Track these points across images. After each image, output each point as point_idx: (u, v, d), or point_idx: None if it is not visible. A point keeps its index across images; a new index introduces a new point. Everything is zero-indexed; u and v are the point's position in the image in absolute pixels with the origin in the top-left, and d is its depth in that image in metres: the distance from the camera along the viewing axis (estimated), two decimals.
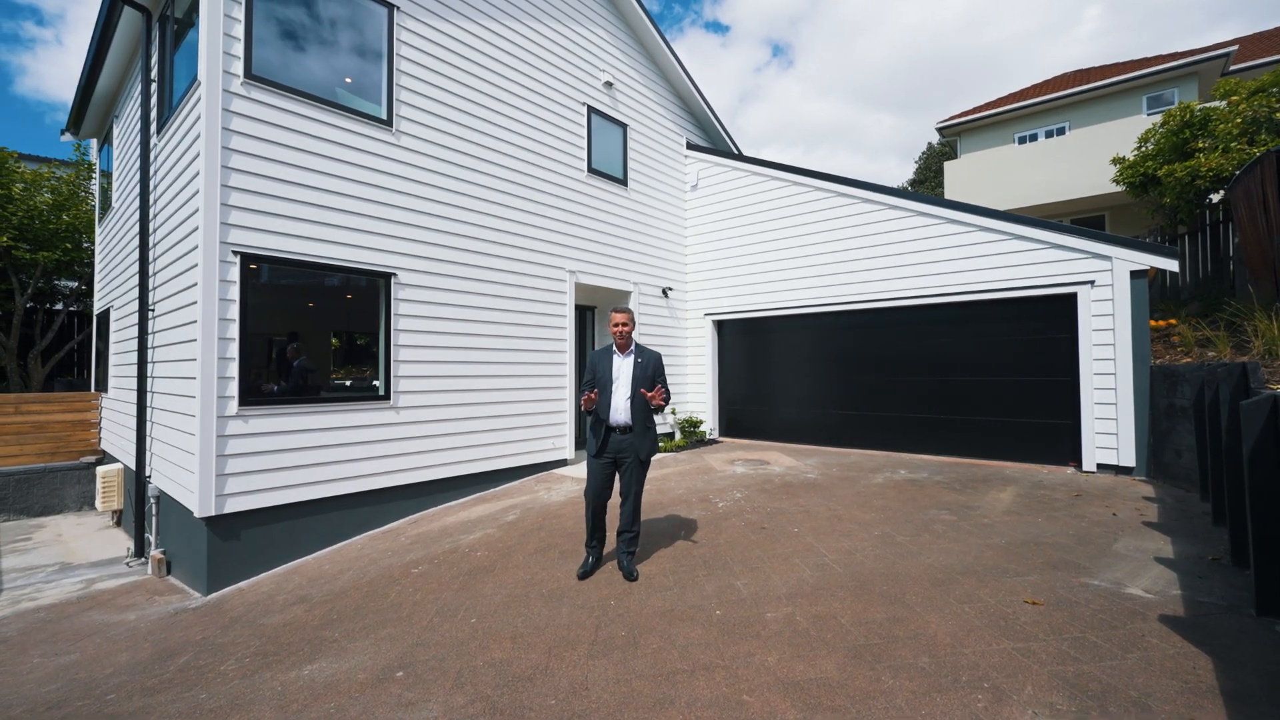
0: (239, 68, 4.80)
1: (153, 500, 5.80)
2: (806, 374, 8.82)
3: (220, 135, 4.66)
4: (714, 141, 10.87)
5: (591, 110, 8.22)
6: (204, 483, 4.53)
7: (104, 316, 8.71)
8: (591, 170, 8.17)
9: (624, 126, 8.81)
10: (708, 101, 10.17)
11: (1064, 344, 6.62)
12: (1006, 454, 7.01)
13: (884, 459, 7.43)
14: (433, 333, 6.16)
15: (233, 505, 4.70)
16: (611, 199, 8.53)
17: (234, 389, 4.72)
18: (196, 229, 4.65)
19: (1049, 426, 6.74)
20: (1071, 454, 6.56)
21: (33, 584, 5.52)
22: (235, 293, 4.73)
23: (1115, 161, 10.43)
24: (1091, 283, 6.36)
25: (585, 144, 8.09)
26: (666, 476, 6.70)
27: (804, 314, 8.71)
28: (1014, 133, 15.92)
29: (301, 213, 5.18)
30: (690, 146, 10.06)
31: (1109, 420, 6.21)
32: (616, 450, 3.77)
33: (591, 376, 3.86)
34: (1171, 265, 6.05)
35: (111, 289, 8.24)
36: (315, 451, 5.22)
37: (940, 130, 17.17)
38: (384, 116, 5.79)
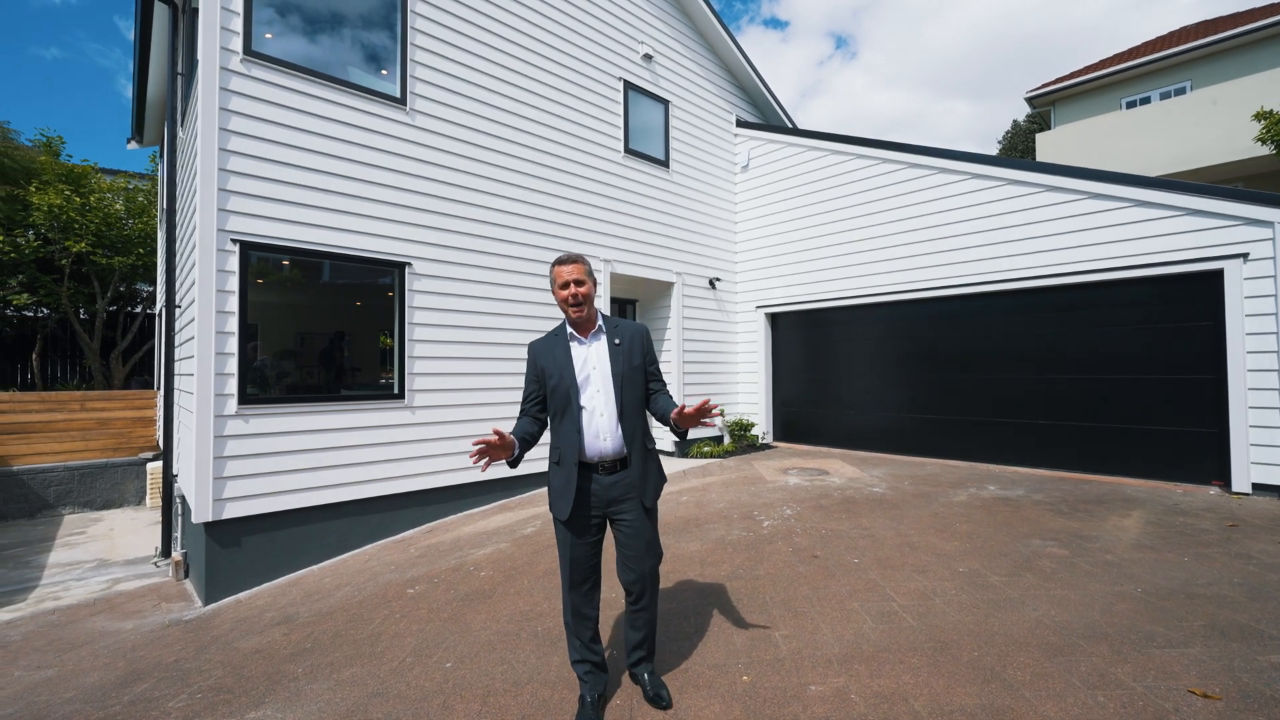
0: (238, 44, 4.50)
1: (178, 500, 5.69)
2: (874, 371, 7.78)
3: (218, 116, 4.37)
4: (768, 119, 9.94)
5: (628, 85, 7.58)
6: (200, 485, 4.25)
7: (158, 316, 8.96)
8: (629, 151, 7.52)
9: (665, 103, 8.10)
10: (760, 75, 9.27)
11: (1204, 333, 5.33)
12: (1125, 468, 5.76)
13: (968, 471, 6.34)
14: (452, 326, 5.71)
15: (232, 510, 4.40)
16: (651, 182, 7.85)
17: (233, 386, 4.41)
18: (198, 220, 4.39)
19: (1183, 435, 5.46)
20: (1215, 470, 5.27)
21: (65, 581, 5.51)
22: (234, 283, 4.43)
23: (1260, 117, 8.70)
24: (1245, 256, 5.06)
25: (622, 122, 7.45)
26: (709, 486, 5.95)
27: (872, 303, 7.68)
28: (1120, 97, 13.92)
29: (308, 199, 4.85)
30: (741, 124, 9.21)
31: (1270, 429, 4.91)
32: (605, 503, 2.26)
33: (537, 385, 2.40)
34: None
35: (162, 289, 8.42)
36: (323, 454, 4.87)
37: (1030, 100, 15.30)
38: (398, 95, 5.39)
